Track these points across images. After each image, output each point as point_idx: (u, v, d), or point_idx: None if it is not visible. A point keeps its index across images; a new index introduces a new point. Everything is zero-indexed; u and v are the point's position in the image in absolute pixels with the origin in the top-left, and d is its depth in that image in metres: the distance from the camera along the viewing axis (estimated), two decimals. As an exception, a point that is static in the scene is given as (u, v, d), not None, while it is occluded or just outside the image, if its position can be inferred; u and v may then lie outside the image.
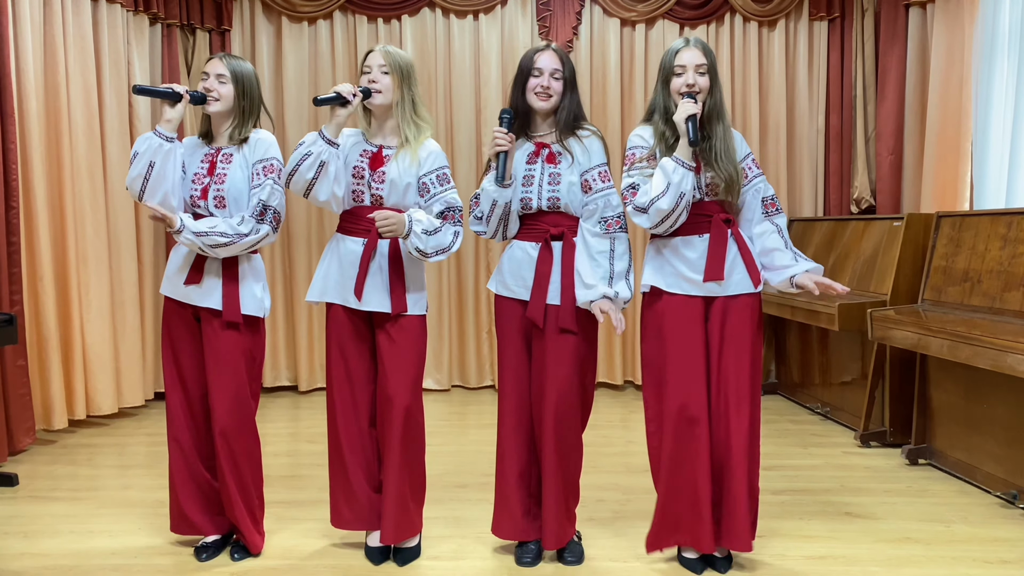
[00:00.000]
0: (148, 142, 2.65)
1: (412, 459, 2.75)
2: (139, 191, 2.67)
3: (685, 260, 2.61)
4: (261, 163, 2.75)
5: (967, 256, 3.80)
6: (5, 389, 3.96)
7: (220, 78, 2.73)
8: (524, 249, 2.70)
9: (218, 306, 2.73)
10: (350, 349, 2.75)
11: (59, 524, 3.19)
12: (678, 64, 2.57)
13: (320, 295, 2.77)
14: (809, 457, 4.04)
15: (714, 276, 2.58)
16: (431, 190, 2.71)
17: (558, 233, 2.66)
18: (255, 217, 2.70)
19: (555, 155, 2.67)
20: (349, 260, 2.70)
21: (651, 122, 2.68)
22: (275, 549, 2.92)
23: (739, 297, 2.62)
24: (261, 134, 2.81)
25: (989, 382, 3.44)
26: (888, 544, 2.93)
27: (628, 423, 4.83)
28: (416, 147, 2.70)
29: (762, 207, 2.68)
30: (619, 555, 2.86)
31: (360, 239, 2.70)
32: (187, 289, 2.75)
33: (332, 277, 2.75)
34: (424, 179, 2.71)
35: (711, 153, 2.57)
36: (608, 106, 5.62)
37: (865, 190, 5.47)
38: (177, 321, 2.80)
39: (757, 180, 2.69)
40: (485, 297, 5.68)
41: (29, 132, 4.18)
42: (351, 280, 2.69)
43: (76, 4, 4.51)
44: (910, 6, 5.14)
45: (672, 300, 2.63)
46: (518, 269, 2.69)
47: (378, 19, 5.61)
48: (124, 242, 4.90)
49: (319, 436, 4.45)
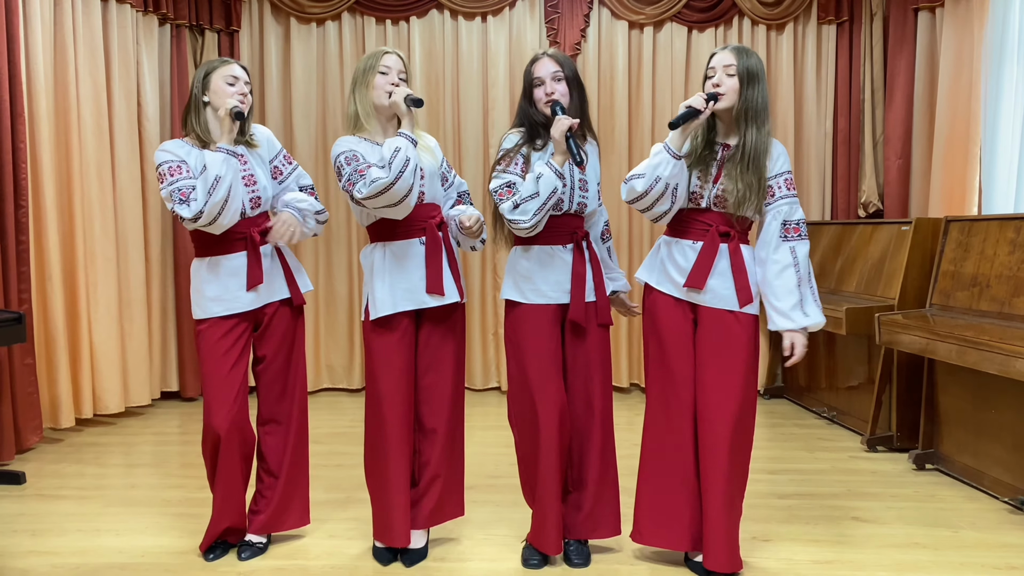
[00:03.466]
0: (227, 164, 2.61)
1: (460, 450, 2.90)
2: (217, 215, 2.61)
3: (675, 263, 2.64)
4: (280, 155, 2.90)
5: (976, 261, 3.79)
6: (13, 387, 3.97)
7: (247, 86, 2.76)
8: (553, 253, 2.68)
9: (287, 295, 2.84)
10: (405, 355, 2.73)
11: (66, 522, 3.20)
12: (710, 67, 2.60)
13: (393, 307, 2.68)
14: (815, 461, 4.03)
15: (693, 283, 2.58)
16: (448, 179, 2.89)
17: (584, 235, 2.73)
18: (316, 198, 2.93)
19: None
20: (415, 262, 2.69)
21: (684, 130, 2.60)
22: (282, 549, 2.93)
23: (725, 314, 2.59)
24: (262, 130, 2.90)
25: (997, 387, 3.43)
26: (895, 549, 2.93)
27: (634, 426, 4.81)
28: (425, 142, 2.83)
29: (781, 230, 2.57)
30: (625, 558, 2.85)
31: (415, 239, 2.70)
32: (250, 294, 2.75)
33: (400, 285, 2.69)
34: (442, 169, 2.86)
35: (739, 159, 2.53)
36: (616, 108, 5.62)
37: (873, 194, 5.46)
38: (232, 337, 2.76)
39: (783, 202, 2.58)
40: (491, 300, 5.68)
41: (38, 131, 4.19)
42: (421, 280, 2.69)
43: (86, 4, 4.53)
44: (919, 10, 5.13)
45: (663, 298, 2.67)
46: (553, 274, 2.68)
47: (386, 20, 5.62)
48: (132, 241, 4.91)
49: (325, 436, 4.45)
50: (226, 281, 2.73)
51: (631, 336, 5.72)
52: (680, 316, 2.63)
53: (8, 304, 3.94)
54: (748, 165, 2.53)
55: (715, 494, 2.57)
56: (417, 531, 2.82)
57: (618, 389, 5.69)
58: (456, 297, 2.75)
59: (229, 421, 2.71)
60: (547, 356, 2.67)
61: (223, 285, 2.73)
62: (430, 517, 2.82)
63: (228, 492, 2.78)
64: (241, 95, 2.70)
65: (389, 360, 2.70)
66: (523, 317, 2.70)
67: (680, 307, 2.64)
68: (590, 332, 2.72)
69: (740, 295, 2.57)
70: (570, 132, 2.52)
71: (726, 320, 2.58)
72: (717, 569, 2.59)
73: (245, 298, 2.74)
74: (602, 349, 2.75)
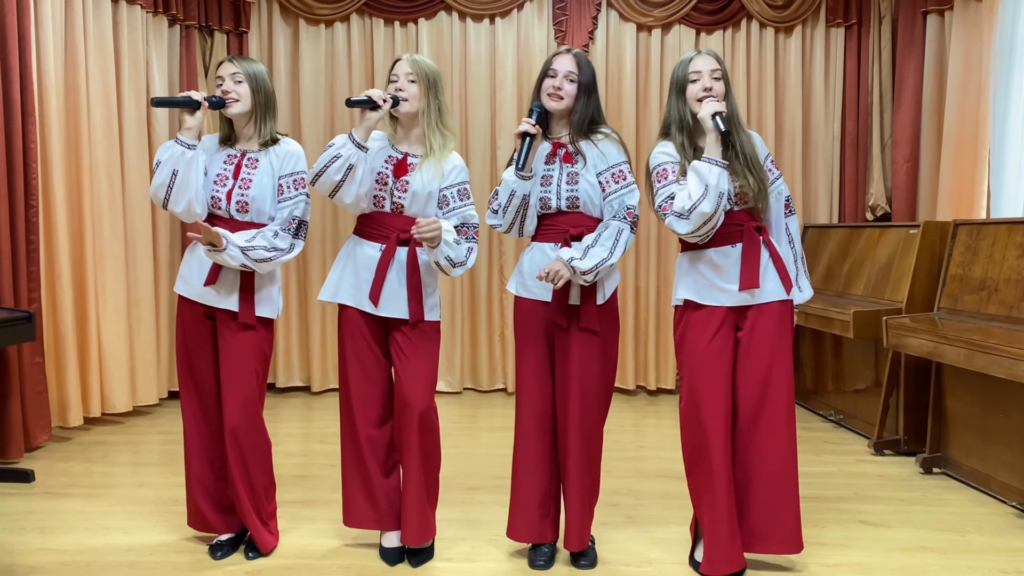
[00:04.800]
0: (170, 150, 2.66)
1: (430, 463, 2.77)
2: (163, 199, 2.69)
3: (718, 271, 2.60)
4: (291, 176, 2.77)
5: (984, 264, 3.78)
6: (22, 386, 3.99)
7: (235, 77, 2.74)
8: (543, 250, 2.70)
9: (235, 307, 2.74)
10: (364, 349, 2.76)
11: (74, 520, 3.21)
12: (693, 71, 2.59)
13: (333, 295, 2.78)
14: (822, 464, 4.03)
15: (749, 284, 2.57)
16: (450, 203, 2.75)
17: (578, 234, 2.66)
18: (290, 232, 2.74)
19: (571, 155, 2.69)
20: (365, 264, 2.71)
21: (669, 136, 2.67)
22: (289, 548, 2.94)
23: (771, 304, 2.62)
24: (291, 145, 2.82)
25: (1005, 391, 3.42)
26: (902, 553, 2.92)
27: (640, 428, 4.82)
28: (441, 159, 2.73)
29: (783, 208, 2.73)
30: (632, 559, 2.86)
31: (378, 244, 2.71)
32: (204, 289, 2.76)
33: (347, 279, 2.76)
34: (445, 192, 2.74)
35: (738, 161, 2.57)
36: (623, 110, 5.62)
37: (881, 197, 5.45)
38: (191, 321, 2.81)
39: (778, 182, 2.72)
40: (498, 300, 5.68)
41: (49, 131, 4.22)
42: (366, 284, 2.70)
43: (97, 5, 4.55)
44: (928, 13, 5.12)
45: (703, 311, 2.62)
46: (538, 270, 2.69)
47: (395, 22, 5.64)
48: (140, 241, 4.93)
49: (331, 436, 4.46)
50: (193, 266, 2.79)
51: (636, 338, 5.72)
52: (721, 329, 2.61)
53: (18, 303, 3.95)
54: (750, 163, 2.58)
55: (784, 481, 2.64)
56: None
57: (624, 391, 5.69)
58: (396, 313, 2.70)
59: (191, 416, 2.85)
60: (533, 351, 2.73)
61: (189, 268, 2.80)
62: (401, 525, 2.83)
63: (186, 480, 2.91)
64: (222, 92, 2.74)
65: (343, 347, 2.79)
66: (517, 310, 2.80)
67: (722, 317, 2.61)
68: (575, 336, 2.67)
69: (784, 282, 2.63)
70: (527, 136, 2.56)
71: (774, 309, 2.62)
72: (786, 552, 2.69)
73: (200, 289, 2.76)
74: (590, 355, 2.67)
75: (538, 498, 2.77)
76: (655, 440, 4.52)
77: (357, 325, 2.76)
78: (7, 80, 3.89)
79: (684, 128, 2.62)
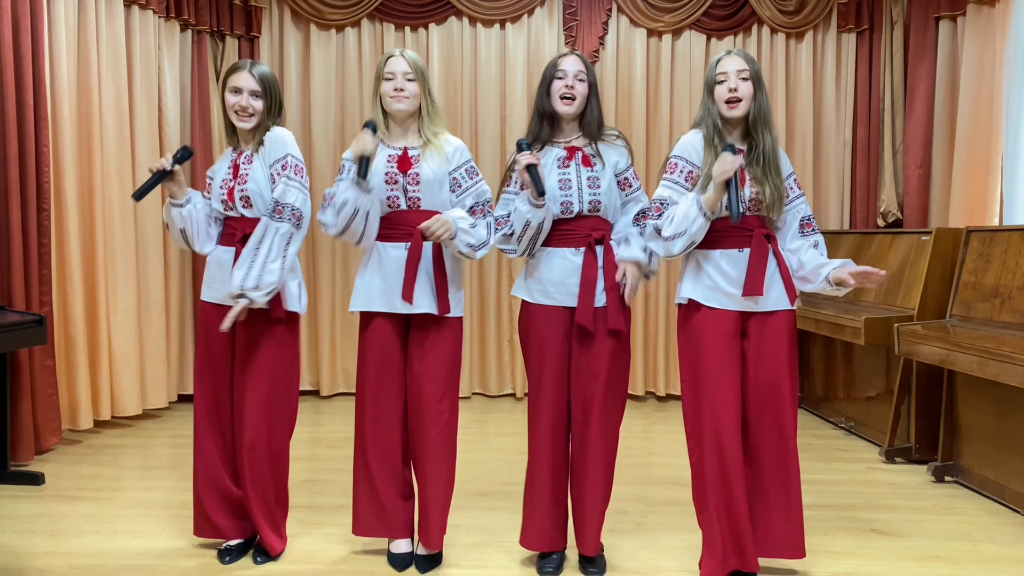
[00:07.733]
0: (169, 213, 2.81)
1: (449, 464, 2.79)
2: (187, 247, 2.86)
3: (724, 274, 2.59)
4: (278, 162, 2.76)
5: (997, 272, 3.75)
6: (33, 389, 4.00)
7: (254, 95, 2.74)
8: (565, 256, 2.68)
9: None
10: (386, 357, 2.74)
11: (84, 524, 3.22)
12: (720, 72, 2.58)
13: (365, 304, 2.74)
14: (833, 472, 4.00)
15: (753, 291, 2.56)
16: (462, 184, 2.77)
17: (600, 237, 2.68)
18: (270, 216, 2.70)
19: (589, 158, 2.69)
20: (393, 266, 2.69)
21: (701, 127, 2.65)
22: (297, 553, 2.93)
23: (775, 313, 2.61)
24: (273, 132, 2.79)
25: (1018, 399, 3.39)
26: (914, 562, 2.90)
27: (649, 434, 4.80)
28: (440, 144, 2.74)
29: (799, 227, 2.69)
30: (641, 567, 2.84)
31: (402, 244, 2.70)
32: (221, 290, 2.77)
33: (375, 285, 2.72)
34: (454, 174, 2.75)
35: (758, 163, 2.56)
36: (633, 116, 5.61)
37: (892, 203, 5.43)
38: (216, 326, 2.78)
39: (798, 201, 2.70)
40: (507, 305, 5.68)
41: (61, 135, 4.24)
42: (397, 286, 2.68)
43: (110, 10, 4.58)
44: (940, 19, 5.10)
45: (709, 314, 2.61)
46: (561, 276, 2.67)
47: (405, 27, 5.65)
48: (151, 245, 4.95)
49: (340, 441, 4.47)
50: (213, 270, 2.84)
51: (646, 343, 5.71)
52: (726, 331, 2.59)
53: (29, 306, 3.97)
54: (769, 167, 2.57)
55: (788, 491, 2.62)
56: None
57: (633, 397, 5.67)
58: (428, 308, 2.69)
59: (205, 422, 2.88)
60: (550, 358, 2.70)
61: (211, 273, 2.85)
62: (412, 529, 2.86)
63: None
64: (240, 107, 2.74)
65: (365, 354, 2.76)
66: (529, 316, 2.76)
67: (726, 320, 2.59)
68: (598, 338, 2.67)
69: (789, 293, 2.62)
70: (531, 167, 2.54)
71: (778, 319, 2.60)
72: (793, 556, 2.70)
73: (221, 290, 2.78)
74: (612, 357, 2.67)
75: (552, 507, 2.76)
76: (665, 446, 4.49)
77: (383, 334, 2.73)
78: (20, 85, 3.92)
79: (714, 126, 2.61)
